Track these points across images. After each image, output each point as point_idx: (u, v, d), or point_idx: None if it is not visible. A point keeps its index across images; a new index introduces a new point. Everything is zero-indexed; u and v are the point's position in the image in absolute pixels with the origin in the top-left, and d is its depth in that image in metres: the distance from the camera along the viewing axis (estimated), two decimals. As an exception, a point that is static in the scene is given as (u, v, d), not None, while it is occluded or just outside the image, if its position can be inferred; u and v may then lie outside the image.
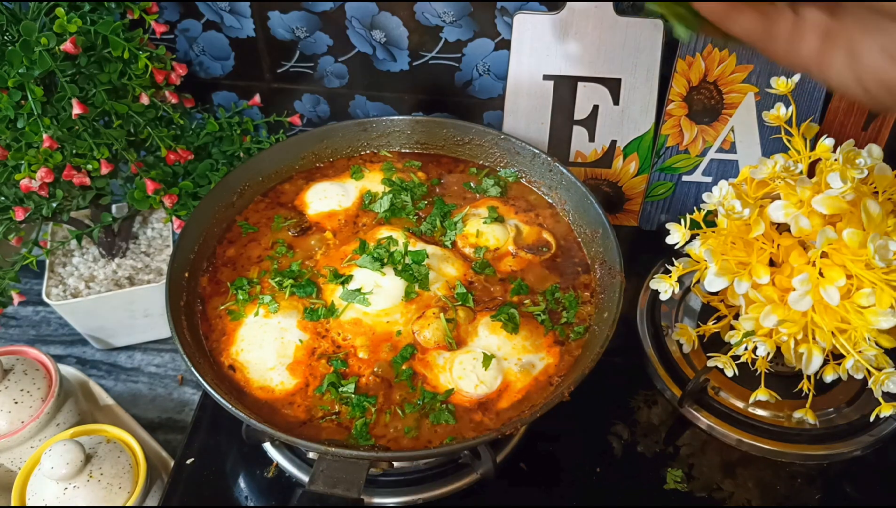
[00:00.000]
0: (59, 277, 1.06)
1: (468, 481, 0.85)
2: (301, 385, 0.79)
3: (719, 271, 0.83)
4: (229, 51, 1.12)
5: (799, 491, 0.87)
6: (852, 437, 0.90)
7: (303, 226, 0.96)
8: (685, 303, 1.06)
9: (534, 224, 0.96)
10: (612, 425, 0.93)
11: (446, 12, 1.03)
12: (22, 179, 0.86)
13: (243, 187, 0.99)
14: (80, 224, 1.03)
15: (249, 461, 0.90)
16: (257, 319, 0.84)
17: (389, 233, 0.91)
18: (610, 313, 0.80)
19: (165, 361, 1.12)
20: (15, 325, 1.18)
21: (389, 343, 0.82)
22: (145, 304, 1.05)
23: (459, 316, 0.83)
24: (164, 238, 1.13)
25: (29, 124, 0.83)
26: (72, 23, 0.82)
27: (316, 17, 1.06)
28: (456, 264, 0.90)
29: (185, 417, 1.05)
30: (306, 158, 1.04)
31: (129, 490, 0.83)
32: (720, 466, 0.89)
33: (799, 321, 0.80)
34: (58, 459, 0.79)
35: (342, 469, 0.68)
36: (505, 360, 0.81)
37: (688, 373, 0.96)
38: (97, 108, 0.88)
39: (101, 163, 0.90)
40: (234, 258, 0.93)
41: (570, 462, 0.90)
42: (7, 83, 0.81)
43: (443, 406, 0.77)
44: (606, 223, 0.88)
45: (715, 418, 0.92)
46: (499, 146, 1.02)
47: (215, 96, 1.19)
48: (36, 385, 0.89)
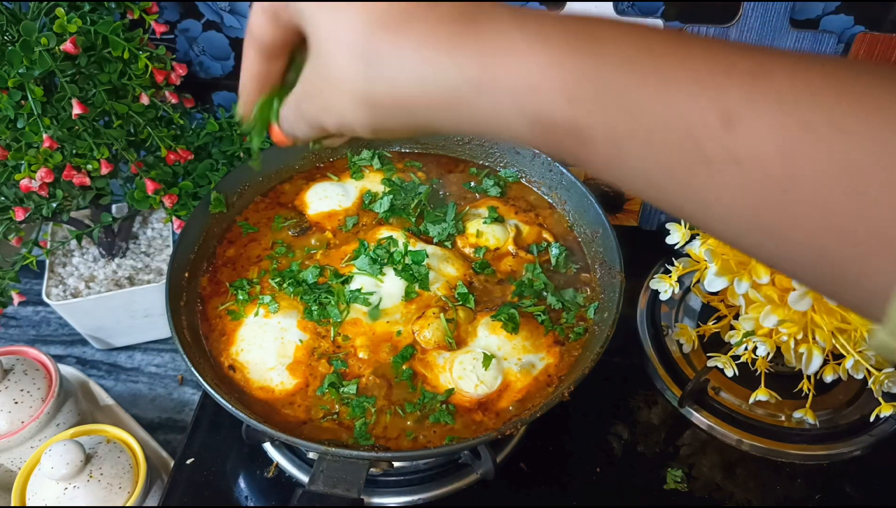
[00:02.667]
0: (59, 277, 1.06)
1: (468, 481, 0.85)
2: (301, 385, 0.79)
3: (719, 271, 0.83)
4: (229, 51, 1.12)
5: (799, 491, 0.87)
6: (852, 437, 0.90)
7: (303, 226, 0.96)
8: (685, 303, 1.06)
9: (534, 224, 0.96)
10: (612, 425, 0.93)
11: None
12: (22, 179, 0.86)
13: (243, 187, 0.99)
14: (80, 224, 1.03)
15: (249, 461, 0.90)
16: (257, 319, 0.84)
17: (389, 233, 0.91)
18: (610, 314, 0.80)
19: (165, 361, 1.12)
20: (15, 325, 1.18)
21: (389, 343, 0.82)
22: (145, 304, 1.05)
23: (459, 316, 0.83)
24: (164, 238, 1.13)
25: (29, 124, 0.83)
26: (72, 23, 0.82)
27: (316, 17, 1.06)
28: (456, 264, 0.90)
29: (185, 417, 1.05)
30: (306, 159, 1.04)
31: (129, 490, 0.83)
32: (720, 466, 0.89)
33: (799, 321, 0.80)
34: (58, 459, 0.79)
35: (342, 469, 0.68)
36: (505, 360, 0.81)
37: (688, 373, 0.96)
38: (97, 108, 0.88)
39: (101, 163, 0.90)
40: (234, 258, 0.93)
41: (570, 462, 0.90)
42: (7, 83, 0.81)
43: (443, 406, 0.77)
44: (606, 223, 0.88)
45: (715, 418, 0.92)
46: (499, 146, 1.02)
47: (215, 96, 1.19)
48: (36, 385, 0.89)
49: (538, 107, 0.36)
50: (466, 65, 0.37)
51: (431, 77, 0.38)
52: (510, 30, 0.37)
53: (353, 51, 0.39)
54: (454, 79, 0.37)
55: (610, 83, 0.34)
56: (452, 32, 0.37)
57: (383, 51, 0.38)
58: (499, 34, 0.37)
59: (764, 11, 0.95)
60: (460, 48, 0.37)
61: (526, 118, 0.37)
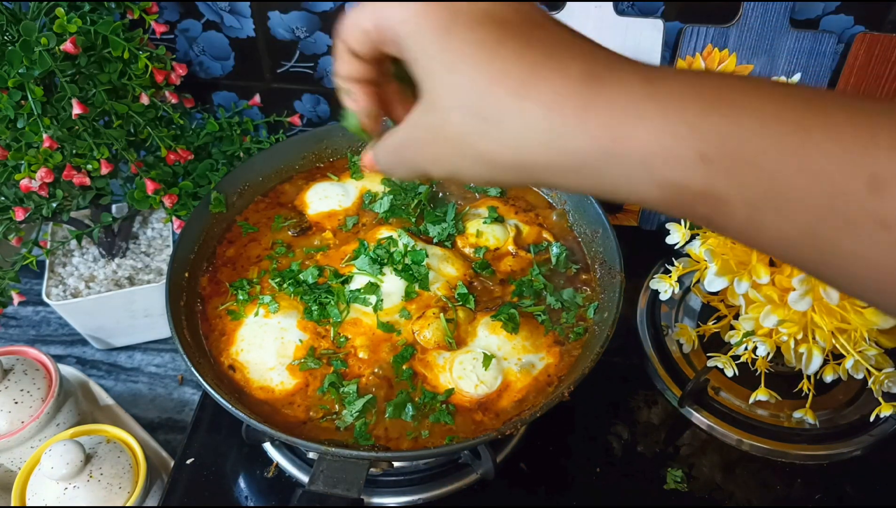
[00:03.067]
0: (59, 277, 1.06)
1: (468, 481, 0.85)
2: (301, 385, 0.79)
3: (719, 271, 0.83)
4: (229, 51, 1.12)
5: (799, 491, 0.87)
6: (852, 437, 0.90)
7: (303, 226, 0.96)
8: (685, 303, 1.06)
9: (534, 224, 0.96)
10: (612, 425, 0.93)
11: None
12: (22, 179, 0.86)
13: (243, 187, 0.99)
14: (80, 224, 1.03)
15: (249, 461, 0.90)
16: (257, 319, 0.84)
17: (389, 233, 0.91)
18: (610, 313, 0.80)
19: (165, 361, 1.12)
20: (15, 325, 1.18)
21: (389, 343, 0.82)
22: (145, 304, 1.05)
23: (459, 316, 0.83)
24: (164, 238, 1.13)
25: (29, 124, 0.83)
26: (72, 23, 0.82)
27: (316, 17, 1.06)
28: (456, 264, 0.90)
29: (185, 417, 1.05)
30: (306, 159, 1.04)
31: (129, 490, 0.83)
32: (720, 466, 0.89)
33: (799, 321, 0.80)
34: (58, 459, 0.79)
35: (342, 469, 0.68)
36: (505, 360, 0.81)
37: (688, 373, 0.96)
38: (97, 108, 0.88)
39: (101, 163, 0.90)
40: (234, 258, 0.93)
41: (570, 461, 0.90)
42: (7, 83, 0.81)
43: (443, 406, 0.77)
44: (606, 223, 0.88)
45: (715, 418, 0.92)
46: (499, 146, 1.02)
47: (215, 96, 1.19)
48: (36, 385, 0.89)
49: (671, 173, 0.35)
50: (596, 133, 0.35)
51: (558, 143, 0.36)
52: (639, 92, 0.35)
53: (473, 109, 0.37)
54: (583, 147, 0.36)
55: (747, 148, 0.33)
56: (580, 96, 0.35)
57: (506, 110, 0.37)
58: (628, 98, 0.35)
59: (764, 11, 0.95)
60: (589, 114, 0.35)
61: (657, 184, 0.35)
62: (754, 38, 0.97)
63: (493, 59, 0.37)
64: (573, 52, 0.37)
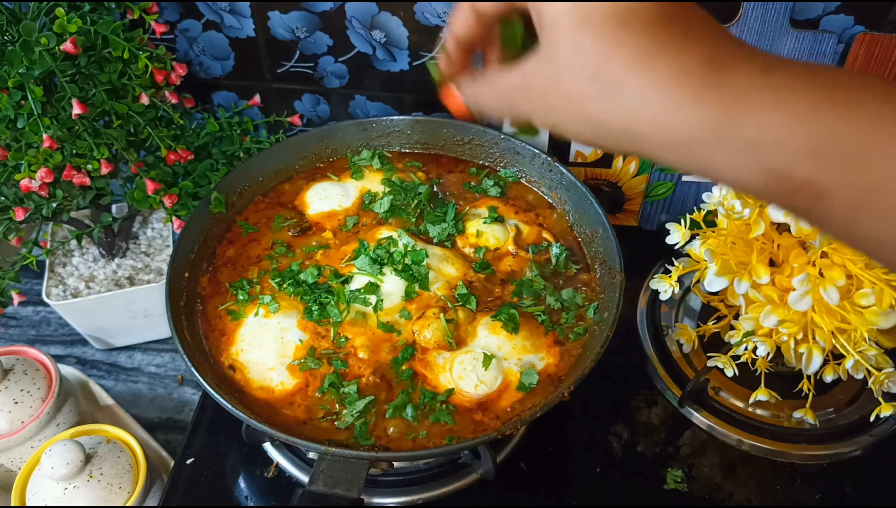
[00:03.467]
0: (59, 277, 1.06)
1: (468, 481, 0.85)
2: (301, 385, 0.79)
3: (719, 271, 0.83)
4: (229, 51, 1.12)
5: (799, 491, 0.87)
6: (852, 437, 0.90)
7: (303, 226, 0.96)
8: (685, 303, 1.06)
9: (534, 224, 0.96)
10: (612, 425, 0.93)
11: (446, 12, 1.03)
12: (22, 180, 0.86)
13: (243, 187, 0.99)
14: (80, 224, 1.03)
15: (249, 461, 0.90)
16: (257, 319, 0.84)
17: (389, 233, 0.91)
18: (610, 314, 0.80)
19: (165, 361, 1.12)
20: (15, 325, 1.18)
21: (389, 343, 0.82)
22: (145, 304, 1.05)
23: (459, 316, 0.83)
24: (164, 238, 1.13)
25: (29, 124, 0.83)
26: (72, 23, 0.82)
27: (316, 17, 1.06)
28: (456, 264, 0.90)
29: (185, 417, 1.05)
30: (306, 159, 1.04)
31: (129, 490, 0.83)
32: (720, 466, 0.89)
33: (799, 321, 0.80)
34: (58, 459, 0.79)
35: (342, 469, 0.68)
36: (505, 360, 0.81)
37: (688, 373, 0.96)
38: (97, 108, 0.88)
39: (101, 163, 0.90)
40: (234, 258, 0.93)
41: (570, 461, 0.90)
42: (7, 83, 0.81)
43: (443, 406, 0.77)
44: (606, 223, 0.88)
45: (715, 418, 0.92)
46: (499, 146, 1.02)
47: (215, 96, 1.19)
48: (36, 385, 0.89)
49: (777, 162, 0.35)
50: (709, 114, 0.36)
51: (670, 118, 0.37)
52: (757, 81, 0.36)
53: (594, 71, 0.38)
54: (694, 126, 0.37)
55: (857, 143, 0.34)
56: (700, 77, 0.37)
57: (626, 80, 0.38)
58: (746, 86, 0.36)
59: (764, 11, 0.95)
60: (706, 96, 0.36)
61: (761, 170, 0.36)
62: (754, 38, 0.97)
63: (621, 28, 0.38)
64: (700, 35, 0.38)
